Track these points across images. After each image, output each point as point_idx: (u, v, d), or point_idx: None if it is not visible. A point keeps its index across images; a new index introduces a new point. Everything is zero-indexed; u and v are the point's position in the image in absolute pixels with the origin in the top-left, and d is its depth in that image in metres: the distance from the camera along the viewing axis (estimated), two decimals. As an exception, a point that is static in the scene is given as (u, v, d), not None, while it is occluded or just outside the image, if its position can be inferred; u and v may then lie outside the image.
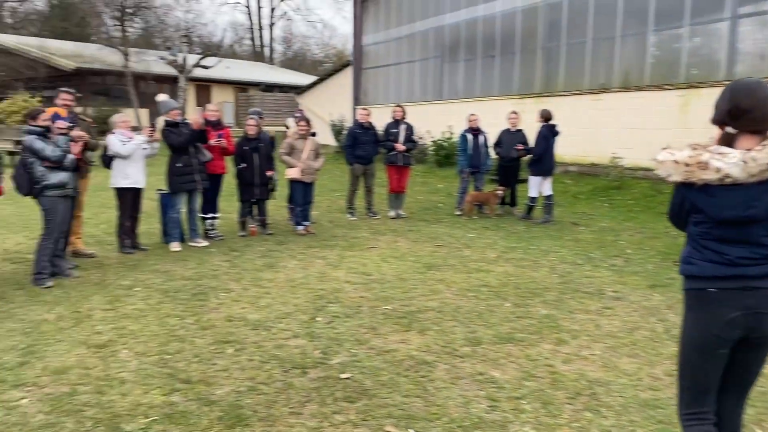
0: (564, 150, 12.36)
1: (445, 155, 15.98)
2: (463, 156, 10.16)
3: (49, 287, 5.79)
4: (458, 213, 10.28)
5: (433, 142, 16.50)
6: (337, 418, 3.36)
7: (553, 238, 8.35)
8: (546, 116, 9.55)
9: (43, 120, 5.96)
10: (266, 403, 3.52)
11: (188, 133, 7.33)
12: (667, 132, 11.79)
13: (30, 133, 5.90)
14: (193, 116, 7.64)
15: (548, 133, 9.45)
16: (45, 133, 5.93)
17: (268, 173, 8.27)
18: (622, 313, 5.19)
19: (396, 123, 9.90)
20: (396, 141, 9.75)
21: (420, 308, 5.27)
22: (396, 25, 19.79)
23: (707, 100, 11.12)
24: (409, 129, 9.90)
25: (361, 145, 9.62)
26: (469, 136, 10.10)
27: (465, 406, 3.52)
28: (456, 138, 13.47)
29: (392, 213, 10.04)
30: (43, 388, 3.68)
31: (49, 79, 25.96)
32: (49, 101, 19.43)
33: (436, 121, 16.78)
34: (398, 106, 10.14)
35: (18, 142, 17.58)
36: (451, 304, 5.41)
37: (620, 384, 3.83)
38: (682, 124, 11.54)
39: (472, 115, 10.27)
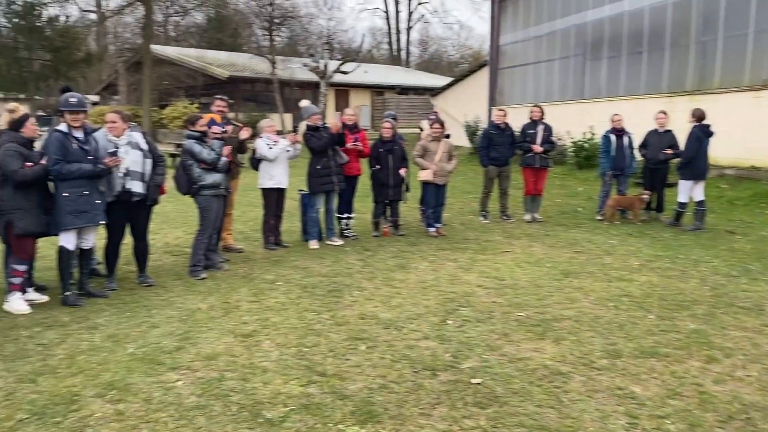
0: (720, 152, 11.37)
1: (585, 157, 15.31)
2: (606, 158, 9.68)
3: (202, 279, 6.31)
4: (599, 218, 9.81)
5: (573, 143, 15.87)
6: (467, 423, 3.34)
7: (704, 247, 7.71)
8: (699, 116, 8.83)
9: (201, 125, 6.50)
10: (397, 401, 3.58)
11: (327, 137, 7.64)
12: None
13: (189, 137, 6.47)
14: (332, 120, 7.95)
15: (701, 133, 8.74)
16: (202, 138, 6.46)
17: (402, 172, 8.39)
18: (787, 333, 4.68)
19: (533, 123, 9.64)
20: (533, 142, 9.50)
21: (555, 316, 5.10)
22: (535, 23, 19.28)
23: None
24: (548, 130, 9.60)
25: (495, 147, 9.47)
26: (613, 137, 9.61)
27: (602, 420, 3.35)
28: (598, 139, 12.85)
29: (527, 216, 9.79)
30: (196, 372, 4.01)
31: (206, 86, 28.27)
32: (205, 107, 21.13)
33: (576, 122, 16.12)
34: (536, 106, 9.87)
35: (179, 146, 19.32)
36: (589, 313, 5.18)
37: (783, 412, 3.45)
38: None
39: (616, 115, 9.75)
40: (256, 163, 7.67)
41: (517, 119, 10.33)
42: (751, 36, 12.52)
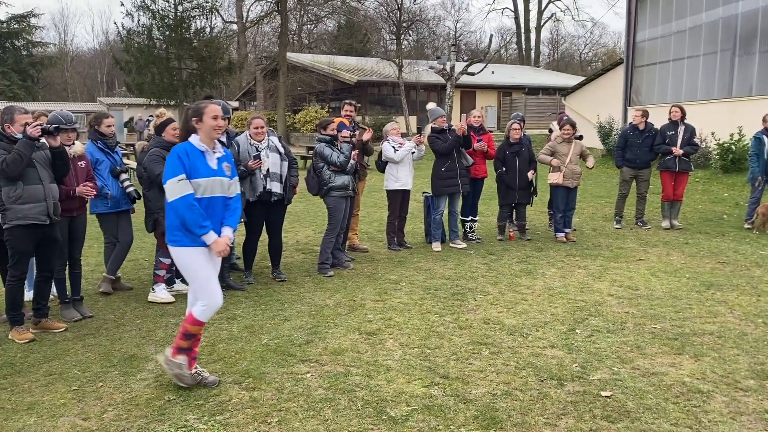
0: None
1: (732, 160, 14.10)
2: (756, 161, 8.87)
3: (330, 276, 6.55)
4: (748, 226, 8.99)
5: (718, 145, 14.67)
6: (595, 436, 3.20)
7: None
8: None
9: (331, 129, 6.75)
10: (521, 409, 3.50)
11: (453, 139, 7.64)
12: None
13: (320, 141, 6.75)
14: (458, 123, 7.93)
15: None
16: (333, 141, 6.72)
17: (529, 174, 8.20)
18: None
19: (674, 124, 9.04)
20: (673, 144, 8.91)
21: (695, 331, 4.75)
22: (676, 18, 18.06)
23: None
24: (689, 131, 8.97)
25: (631, 148, 9.04)
26: (765, 139, 8.78)
27: (748, 448, 3.08)
28: (747, 140, 11.79)
29: (665, 223, 9.19)
30: (324, 366, 4.17)
31: (335, 91, 29.32)
32: (335, 112, 21.90)
33: (722, 122, 14.89)
34: (675, 105, 9.26)
35: (310, 148, 20.21)
36: (734, 329, 4.77)
37: None
38: None
39: (770, 114, 8.89)
40: (382, 165, 7.84)
41: (655, 120, 9.73)
42: None
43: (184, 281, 6.23)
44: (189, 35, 31.43)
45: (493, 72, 31.21)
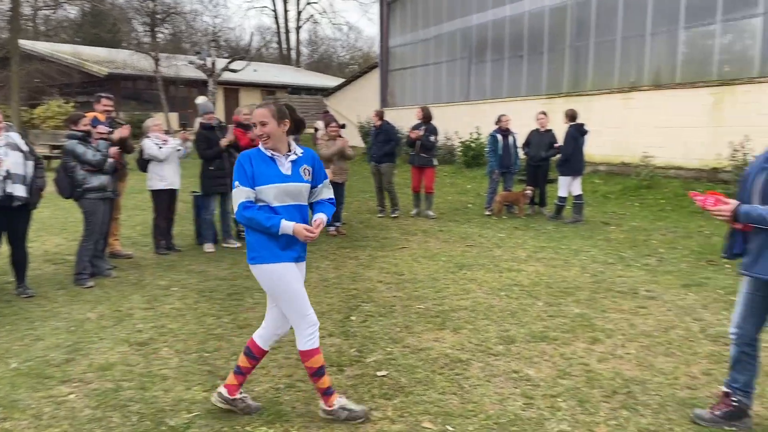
0: (593, 150, 12.26)
1: (472, 156, 15.96)
2: (493, 157, 10.16)
3: (89, 287, 5.96)
4: (488, 213, 10.27)
5: (462, 143, 16.49)
6: (375, 414, 3.41)
7: (583, 238, 8.31)
8: (571, 116, 9.51)
9: (84, 125, 6.13)
10: (305, 399, 3.58)
11: (218, 149, 7.46)
12: (699, 130, 11.63)
13: (71, 137, 6.08)
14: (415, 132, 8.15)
15: (576, 132, 9.40)
16: (86, 138, 6.10)
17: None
18: (657, 313, 5.16)
19: (420, 124, 10.07)
20: (414, 140, 9.97)
21: (453, 307, 5.30)
22: (423, 26, 19.83)
23: (742, 97, 10.99)
24: (429, 130, 9.99)
25: (374, 145, 10.01)
26: (500, 137, 10.10)
27: (501, 403, 3.55)
28: (484, 139, 13.44)
29: (414, 211, 10.26)
30: (89, 384, 3.80)
31: (83, 84, 26.57)
32: (83, 106, 19.85)
33: (463, 122, 16.77)
34: (419, 108, 10.37)
35: (54, 147, 18.04)
36: (483, 303, 5.43)
37: (656, 383, 3.81)
38: (716, 122, 11.37)
39: (504, 116, 10.26)
40: (143, 164, 7.35)
41: (410, 120, 10.67)
42: (618, 41, 13.60)
43: None
44: None
45: (255, 70, 31.06)
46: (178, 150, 7.41)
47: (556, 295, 5.66)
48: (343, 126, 8.97)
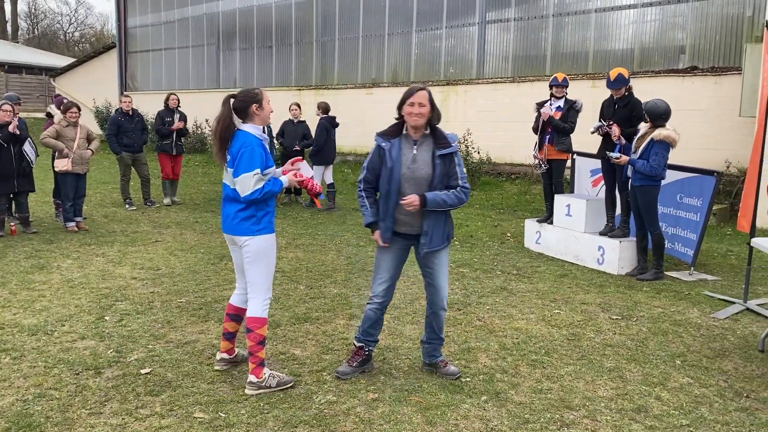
0: (342, 141, 12.97)
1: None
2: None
3: None
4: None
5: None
6: (142, 412, 3.30)
7: (337, 224, 8.82)
8: (324, 108, 10.00)
9: None
10: (60, 407, 3.31)
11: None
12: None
13: None
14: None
15: (328, 124, 9.90)
16: None
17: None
18: (402, 287, 5.75)
19: (170, 111, 9.88)
20: (170, 126, 9.80)
21: (216, 298, 5.28)
22: (165, 8, 18.86)
23: (463, 96, 12.61)
24: (183, 117, 9.94)
25: (126, 134, 9.38)
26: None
27: (270, 384, 3.68)
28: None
29: (167, 200, 10.03)
30: None
31: None
32: None
33: (214, 110, 16.36)
34: (173, 94, 10.07)
35: None
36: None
37: (406, 348, 4.30)
38: (444, 117, 12.85)
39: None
40: None
41: (155, 106, 10.21)
42: (360, 40, 14.55)
43: None
44: None
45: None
46: None
47: (316, 278, 5.97)
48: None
